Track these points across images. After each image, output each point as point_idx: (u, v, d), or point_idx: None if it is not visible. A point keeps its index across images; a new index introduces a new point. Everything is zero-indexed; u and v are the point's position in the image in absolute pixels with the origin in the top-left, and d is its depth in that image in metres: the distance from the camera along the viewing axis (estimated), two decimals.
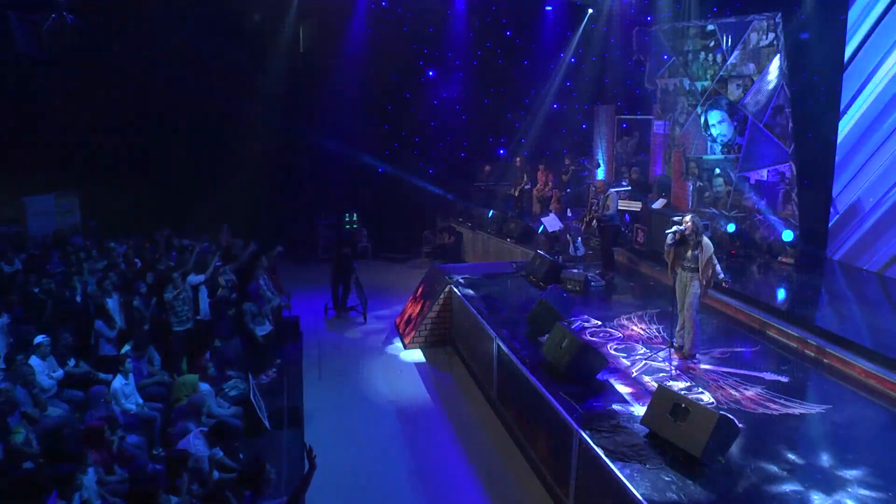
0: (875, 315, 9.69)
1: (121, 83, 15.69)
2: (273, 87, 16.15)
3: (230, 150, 16.01)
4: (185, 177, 16.19)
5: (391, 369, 10.83)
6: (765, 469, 6.14)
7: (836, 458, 6.30)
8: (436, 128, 17.71)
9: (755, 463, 6.23)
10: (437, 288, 12.03)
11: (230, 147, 16.07)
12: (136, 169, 16.23)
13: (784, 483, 5.93)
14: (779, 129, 11.94)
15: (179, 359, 8.97)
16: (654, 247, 12.78)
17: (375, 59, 16.85)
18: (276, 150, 16.42)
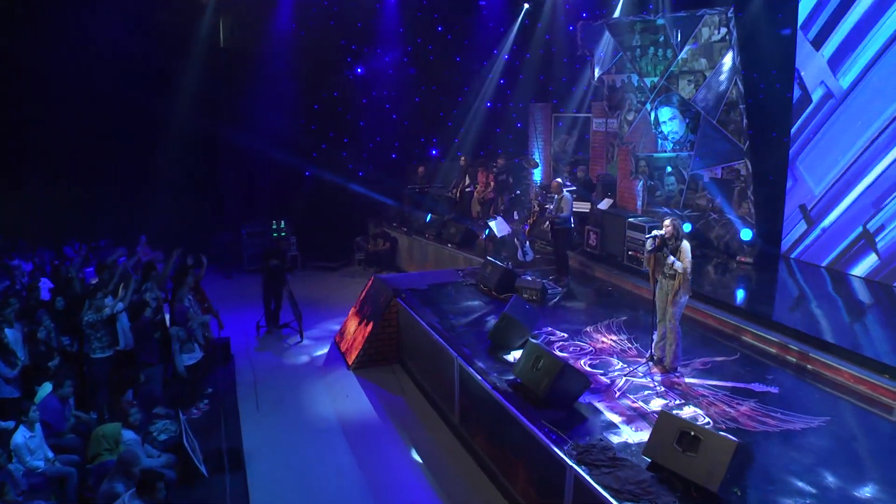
0: (850, 315, 9.42)
1: (21, 78, 13.99)
2: (191, 84, 14.75)
3: (146, 152, 14.54)
4: (95, 182, 14.55)
5: (337, 394, 9.70)
6: (784, 497, 5.50)
7: (853, 479, 5.77)
8: (365, 128, 16.60)
9: (772, 490, 5.61)
10: (380, 301, 10.99)
11: (146, 149, 14.59)
12: (39, 173, 14.49)
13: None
14: (733, 125, 11.57)
15: (100, 393, 7.60)
16: (608, 249, 12.24)
17: (301, 55, 15.66)
18: (197, 153, 14.95)
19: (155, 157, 14.61)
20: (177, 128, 14.71)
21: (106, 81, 13.77)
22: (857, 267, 10.67)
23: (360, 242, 16.17)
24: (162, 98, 14.46)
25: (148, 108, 14.14)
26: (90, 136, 14.59)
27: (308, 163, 16.02)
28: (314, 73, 15.67)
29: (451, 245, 14.13)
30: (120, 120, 14.56)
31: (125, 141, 14.62)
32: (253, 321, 11.83)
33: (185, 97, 14.76)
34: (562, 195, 11.40)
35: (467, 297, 10.96)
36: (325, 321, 12.38)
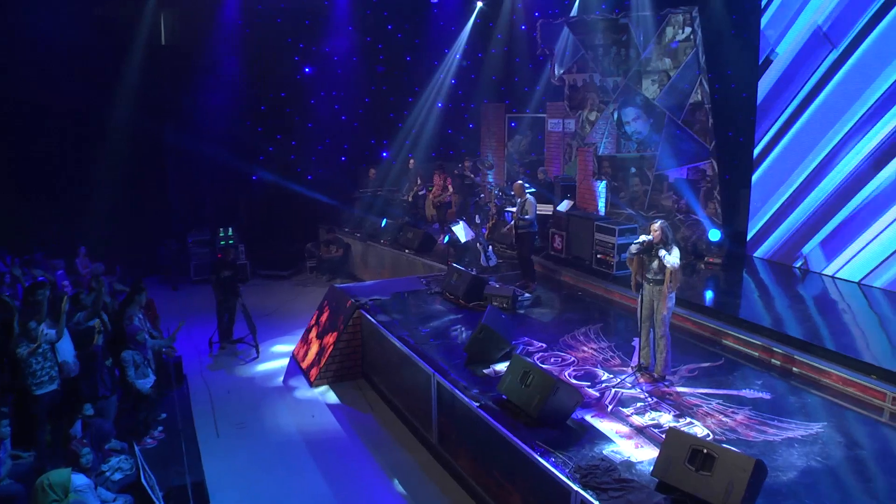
0: (829, 316, 9.34)
1: None
2: (130, 83, 13.71)
3: (83, 155, 13.44)
4: (27, 188, 13.34)
5: (301, 414, 9.02)
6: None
7: (869, 488, 5.59)
8: (314, 129, 15.84)
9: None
10: (342, 313, 10.36)
11: (83, 152, 13.50)
12: None
13: None
14: (698, 125, 11.45)
15: (40, 431, 6.74)
16: (574, 253, 11.93)
17: (247, 53, 14.83)
18: (138, 156, 13.87)
19: (93, 160, 13.50)
20: (116, 129, 13.66)
21: (38, 79, 12.75)
22: (828, 266, 10.72)
23: (311, 249, 15.42)
24: (100, 97, 13.42)
25: (85, 108, 13.09)
26: (21, 137, 13.43)
27: (255, 166, 15.19)
28: (261, 73, 14.85)
29: (408, 251, 13.58)
30: (54, 121, 13.50)
31: (60, 143, 13.52)
32: (204, 337, 10.97)
33: (124, 97, 13.71)
34: (525, 198, 11.04)
35: (434, 306, 10.46)
36: (280, 334, 11.66)
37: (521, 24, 16.57)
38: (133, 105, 13.69)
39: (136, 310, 7.65)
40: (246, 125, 14.84)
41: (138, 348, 7.43)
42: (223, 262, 10.96)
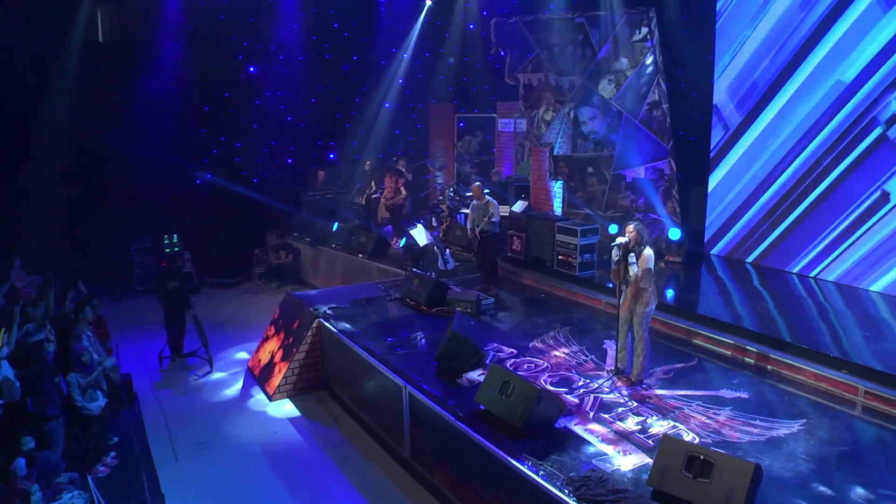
0: (796, 312, 9.39)
1: None
2: (66, 82, 12.83)
3: (16, 158, 12.51)
4: None
5: (263, 430, 8.52)
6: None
7: (858, 484, 5.56)
8: (259, 131, 15.22)
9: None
10: (300, 322, 9.90)
11: (16, 155, 12.57)
12: None
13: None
14: (656, 125, 11.47)
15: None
16: (535, 254, 11.75)
17: (189, 52, 14.11)
18: (76, 160, 12.98)
19: (27, 164, 12.55)
20: (52, 131, 12.74)
21: None
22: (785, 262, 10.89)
23: (259, 255, 14.80)
24: (33, 97, 12.54)
25: (17, 109, 12.12)
26: None
27: (200, 169, 14.47)
28: (204, 72, 14.13)
29: (362, 255, 13.17)
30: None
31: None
32: (152, 351, 10.31)
33: (60, 97, 12.83)
34: (486, 200, 10.82)
35: (395, 313, 10.10)
36: (232, 346, 11.09)
37: (470, 24, 16.37)
38: (70, 105, 12.84)
39: (85, 327, 7.04)
40: (189, 126, 14.10)
41: (84, 370, 6.83)
42: (169, 271, 10.32)
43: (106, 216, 13.24)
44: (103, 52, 13.38)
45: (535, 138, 13.17)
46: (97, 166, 13.39)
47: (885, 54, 9.31)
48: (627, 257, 7.32)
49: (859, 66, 9.63)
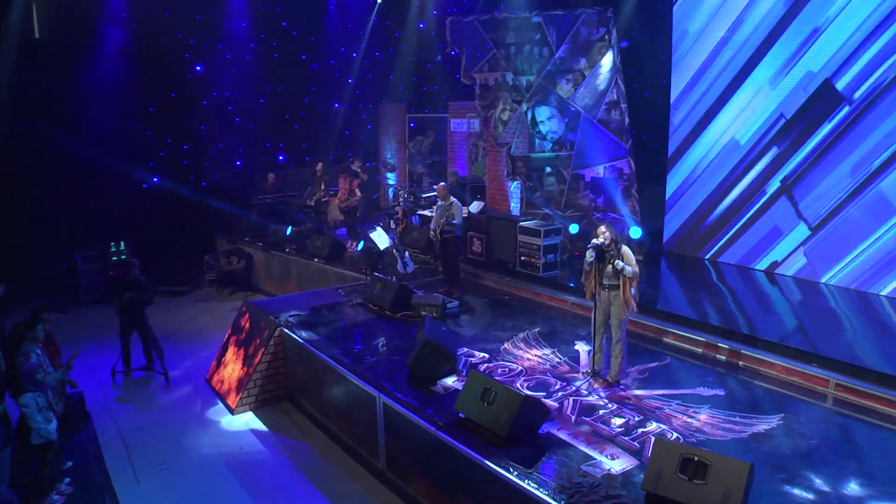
0: (763, 307, 9.58)
1: None
2: (1, 81, 12.01)
3: None
4: None
5: (227, 446, 8.12)
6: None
7: (842, 476, 5.65)
8: (207, 132, 14.65)
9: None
10: (260, 331, 9.52)
11: None
12: None
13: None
14: (614, 124, 11.51)
15: None
16: (496, 256, 11.65)
17: (133, 50, 13.46)
18: (15, 164, 12.17)
19: None
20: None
21: None
22: (740, 258, 11.09)
23: (209, 261, 14.23)
24: None
25: None
26: None
27: (146, 172, 13.80)
28: (148, 71, 13.47)
29: (317, 259, 12.80)
30: None
31: None
32: (101, 366, 9.72)
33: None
34: (450, 201, 10.65)
35: (359, 319, 9.81)
36: (188, 357, 10.58)
37: (420, 23, 16.18)
38: (6, 105, 12.04)
39: (34, 345, 6.53)
40: (134, 128, 13.42)
41: (39, 389, 6.34)
42: (125, 281, 9.77)
43: (48, 223, 12.46)
44: (41, 49, 12.64)
45: (492, 138, 13.06)
46: (37, 170, 12.60)
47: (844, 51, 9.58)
48: (603, 259, 7.28)
49: (818, 62, 9.87)
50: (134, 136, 13.52)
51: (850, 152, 9.69)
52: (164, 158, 14.10)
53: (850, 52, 9.53)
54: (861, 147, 9.59)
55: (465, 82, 13.02)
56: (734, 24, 10.68)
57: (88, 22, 13.03)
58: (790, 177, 10.39)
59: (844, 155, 9.77)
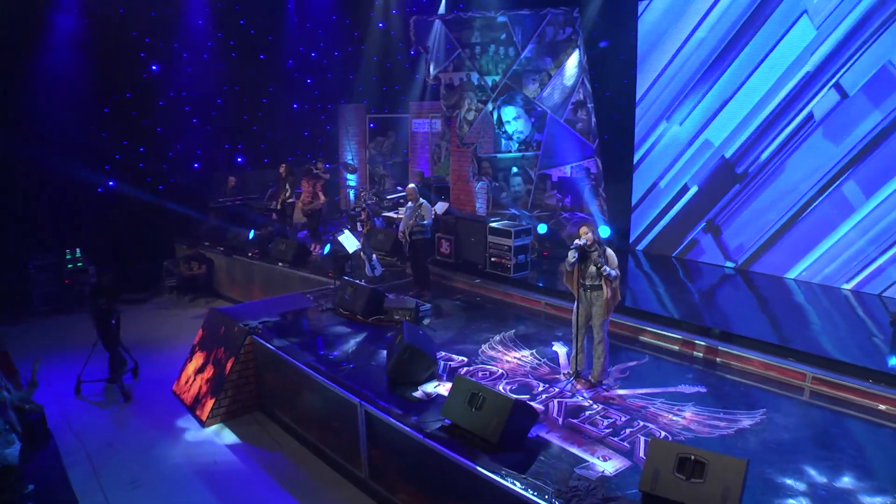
0: (734, 303, 9.75)
1: None
2: None
3: None
4: None
5: (201, 460, 7.80)
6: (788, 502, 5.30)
7: (830, 468, 5.76)
8: (163, 134, 14.15)
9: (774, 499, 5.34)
10: (229, 340, 9.22)
11: None
12: None
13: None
14: (581, 124, 11.56)
15: None
16: (465, 257, 11.58)
17: (86, 48, 12.84)
18: None
19: None
20: None
21: None
22: (704, 255, 11.27)
23: (169, 267, 13.77)
24: None
25: None
26: None
27: (102, 176, 13.22)
28: (103, 70, 12.88)
29: (282, 264, 12.52)
30: None
31: None
32: (59, 379, 9.25)
33: None
34: (419, 202, 10.54)
35: (331, 325, 9.60)
36: (152, 367, 10.14)
37: (380, 22, 15.99)
38: None
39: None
40: (89, 130, 12.83)
41: None
42: (99, 288, 9.35)
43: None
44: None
45: (457, 138, 12.98)
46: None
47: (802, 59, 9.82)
48: (585, 259, 7.28)
49: (780, 66, 10.09)
50: (88, 138, 12.94)
51: (815, 151, 9.95)
52: (119, 161, 13.53)
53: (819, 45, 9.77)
54: (824, 146, 9.85)
55: (429, 82, 12.91)
56: (698, 25, 10.84)
57: (39, 18, 12.40)
58: (753, 174, 10.60)
59: (808, 154, 10.02)
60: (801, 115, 9.97)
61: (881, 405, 6.87)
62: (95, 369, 9.50)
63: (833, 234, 9.87)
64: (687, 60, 11.00)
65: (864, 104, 9.39)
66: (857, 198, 9.60)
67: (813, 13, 9.71)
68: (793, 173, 10.20)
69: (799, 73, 9.91)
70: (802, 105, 9.94)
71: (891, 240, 9.35)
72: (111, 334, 9.23)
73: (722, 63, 10.64)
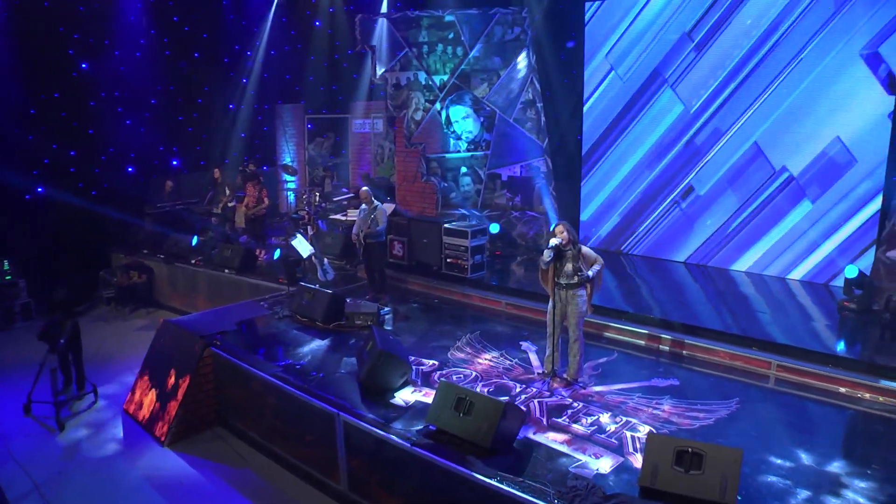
0: (692, 296, 10.01)
1: None
2: None
3: None
4: None
5: (164, 483, 7.41)
6: (777, 484, 5.52)
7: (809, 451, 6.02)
8: (95, 136, 13.31)
9: (764, 482, 5.55)
10: (186, 353, 8.78)
11: None
12: None
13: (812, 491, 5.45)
14: (530, 123, 11.65)
15: None
16: (419, 259, 11.47)
17: (10, 44, 11.94)
18: None
19: None
20: None
21: None
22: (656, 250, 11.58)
23: (105, 277, 13.00)
24: None
25: None
26: None
27: (29, 182, 12.35)
28: (28, 69, 11.96)
29: (228, 270, 12.05)
30: None
31: None
32: None
33: None
34: (374, 205, 10.36)
35: (291, 332, 9.31)
36: (100, 385, 9.53)
37: (316, 21, 15.63)
38: None
39: None
40: (14, 132, 11.90)
41: None
42: (53, 302, 8.74)
43: None
44: None
45: (404, 138, 12.84)
46: None
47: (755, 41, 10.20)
48: (561, 258, 7.31)
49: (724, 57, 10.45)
50: (14, 141, 11.96)
51: (760, 152, 10.36)
52: (49, 165, 12.62)
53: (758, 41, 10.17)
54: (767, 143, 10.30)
55: (375, 81, 12.71)
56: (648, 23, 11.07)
57: None
58: (699, 170, 10.95)
59: (750, 156, 10.44)
60: (747, 115, 10.37)
61: (841, 388, 7.25)
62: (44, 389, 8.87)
63: (779, 228, 10.32)
64: (633, 57, 11.24)
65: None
66: (799, 193, 10.10)
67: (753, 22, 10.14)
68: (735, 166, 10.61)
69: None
70: (747, 104, 10.35)
71: (832, 232, 9.88)
72: (61, 351, 8.64)
73: (667, 60, 10.92)
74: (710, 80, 10.59)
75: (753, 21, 10.12)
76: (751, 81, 10.24)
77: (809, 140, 9.93)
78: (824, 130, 9.76)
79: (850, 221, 9.75)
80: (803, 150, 10.01)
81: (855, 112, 9.47)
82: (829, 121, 9.68)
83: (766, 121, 10.19)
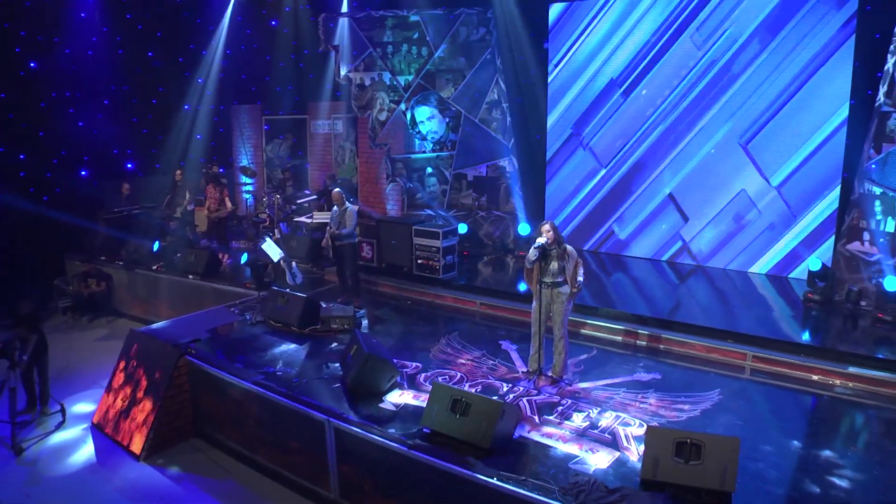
0: (661, 292, 10.24)
1: None
2: None
3: None
4: None
5: (145, 501, 7.18)
6: (769, 471, 5.74)
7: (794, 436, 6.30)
8: (46, 138, 12.73)
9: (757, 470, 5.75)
10: (159, 363, 8.51)
11: None
12: None
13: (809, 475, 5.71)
14: (496, 123, 11.72)
15: None
16: (389, 260, 11.42)
17: None
18: None
19: None
20: None
21: None
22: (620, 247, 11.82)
23: (60, 286, 12.46)
24: None
25: None
26: None
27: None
28: None
29: (192, 276, 11.72)
30: None
31: None
32: None
33: None
34: (345, 207, 10.27)
35: (266, 338, 9.11)
36: (65, 400, 9.10)
37: (272, 20, 15.35)
38: None
39: None
40: None
41: None
42: (18, 316, 8.32)
43: None
44: None
45: (369, 139, 12.75)
46: None
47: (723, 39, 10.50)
48: (546, 257, 7.40)
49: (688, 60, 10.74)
50: None
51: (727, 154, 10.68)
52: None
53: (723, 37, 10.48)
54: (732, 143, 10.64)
55: (339, 81, 12.58)
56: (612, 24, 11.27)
57: None
58: (664, 169, 11.23)
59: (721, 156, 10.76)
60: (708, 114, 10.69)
61: (814, 376, 7.58)
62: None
63: (742, 223, 10.68)
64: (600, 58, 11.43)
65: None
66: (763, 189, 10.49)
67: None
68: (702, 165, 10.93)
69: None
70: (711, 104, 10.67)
71: (789, 228, 10.28)
72: (24, 368, 8.24)
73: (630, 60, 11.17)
74: (673, 81, 10.88)
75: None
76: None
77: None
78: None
79: (808, 215, 10.18)
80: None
81: None
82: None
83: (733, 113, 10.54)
